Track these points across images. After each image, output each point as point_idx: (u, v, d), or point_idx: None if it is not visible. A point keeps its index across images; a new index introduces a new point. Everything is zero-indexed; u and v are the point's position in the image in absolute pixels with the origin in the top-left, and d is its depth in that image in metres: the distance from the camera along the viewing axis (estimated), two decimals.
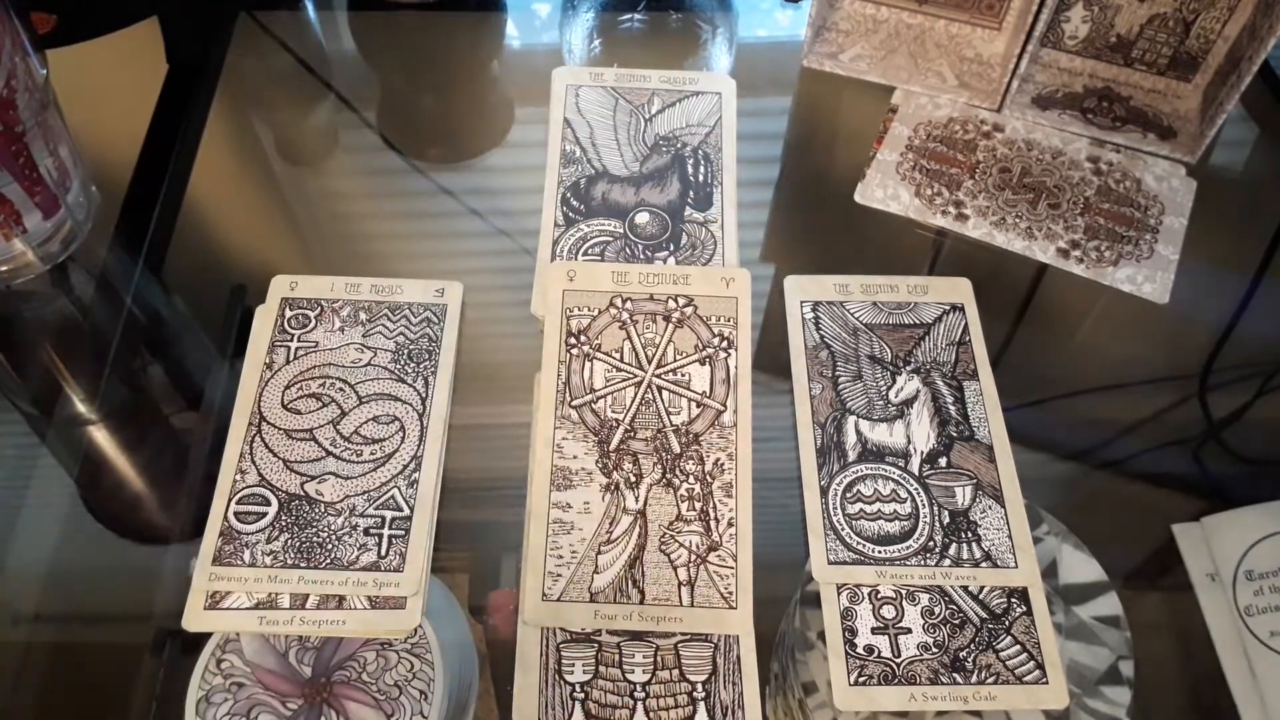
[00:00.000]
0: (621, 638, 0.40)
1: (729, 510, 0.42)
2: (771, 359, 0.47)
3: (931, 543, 0.41)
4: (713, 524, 0.42)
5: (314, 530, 0.41)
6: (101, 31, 0.60)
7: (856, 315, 0.48)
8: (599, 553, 0.41)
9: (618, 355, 0.46)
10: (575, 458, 0.43)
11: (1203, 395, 0.48)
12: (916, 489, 0.43)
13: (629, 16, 0.62)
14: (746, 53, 0.61)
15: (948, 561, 0.41)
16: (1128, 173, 0.53)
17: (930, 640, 0.39)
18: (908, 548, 0.41)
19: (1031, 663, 0.39)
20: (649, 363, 0.46)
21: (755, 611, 0.40)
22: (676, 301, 0.47)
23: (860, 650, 0.39)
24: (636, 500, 0.42)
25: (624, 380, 0.45)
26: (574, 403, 0.45)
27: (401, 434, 0.44)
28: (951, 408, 0.45)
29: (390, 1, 0.62)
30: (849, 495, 0.43)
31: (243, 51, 0.60)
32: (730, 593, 0.40)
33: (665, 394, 0.45)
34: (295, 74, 0.60)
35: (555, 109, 0.55)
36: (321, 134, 0.58)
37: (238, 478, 0.42)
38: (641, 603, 0.40)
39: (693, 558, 0.41)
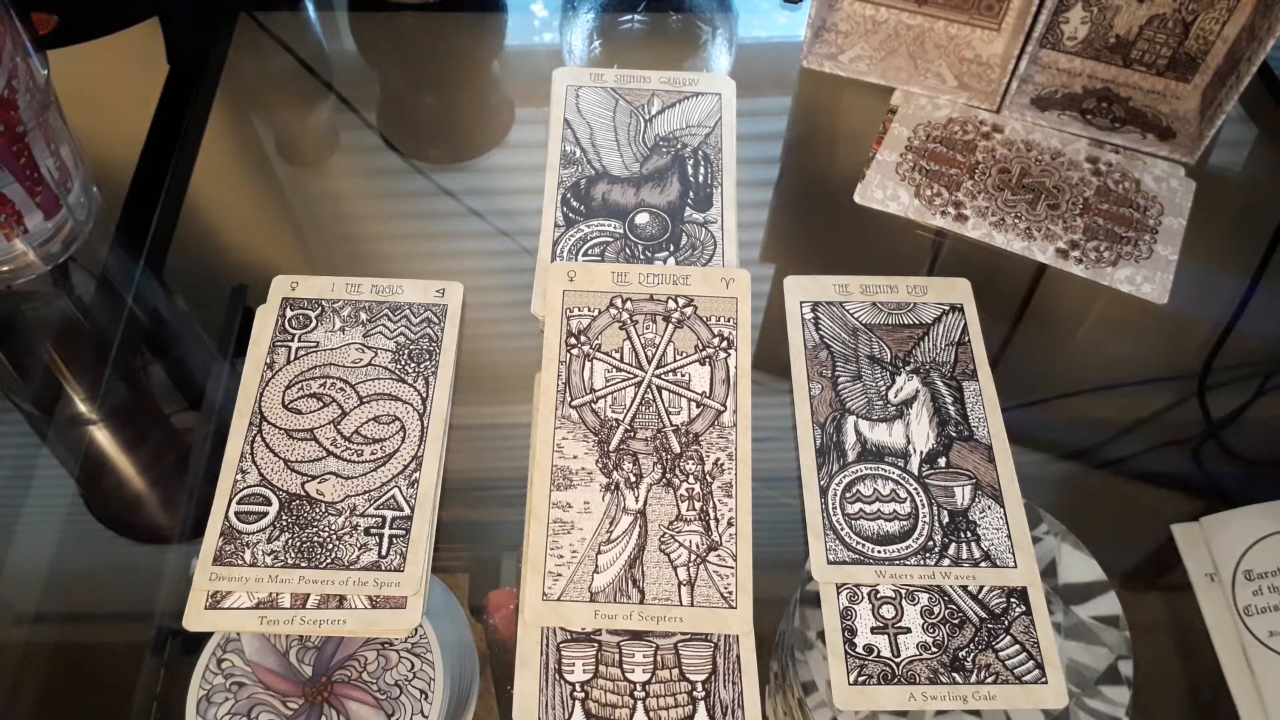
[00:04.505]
0: (621, 637, 0.40)
1: (729, 510, 0.42)
2: (771, 359, 0.47)
3: (931, 542, 0.41)
4: (712, 524, 0.42)
5: (315, 530, 0.41)
6: (102, 32, 0.60)
7: (856, 315, 0.48)
8: (599, 552, 0.41)
9: (618, 355, 0.46)
10: (575, 458, 0.43)
11: (1202, 395, 0.48)
12: (916, 489, 0.43)
13: (629, 17, 0.62)
14: (746, 53, 0.61)
15: (947, 561, 0.41)
16: (1127, 173, 0.53)
17: (930, 640, 0.39)
18: (907, 547, 0.41)
19: (1031, 662, 0.39)
20: (649, 363, 0.46)
21: (755, 611, 0.40)
22: (676, 302, 0.47)
23: (860, 650, 0.39)
24: (636, 500, 0.42)
25: (624, 380, 0.45)
26: (574, 403, 0.45)
27: (402, 434, 0.44)
28: (951, 408, 0.45)
29: (390, 2, 0.62)
30: (848, 495, 0.43)
31: (243, 52, 0.60)
32: (730, 592, 0.40)
33: (665, 394, 0.45)
34: (295, 74, 0.60)
35: (555, 109, 0.55)
36: (322, 134, 0.58)
37: (238, 477, 0.42)
38: (641, 602, 0.40)
39: (693, 557, 0.41)
